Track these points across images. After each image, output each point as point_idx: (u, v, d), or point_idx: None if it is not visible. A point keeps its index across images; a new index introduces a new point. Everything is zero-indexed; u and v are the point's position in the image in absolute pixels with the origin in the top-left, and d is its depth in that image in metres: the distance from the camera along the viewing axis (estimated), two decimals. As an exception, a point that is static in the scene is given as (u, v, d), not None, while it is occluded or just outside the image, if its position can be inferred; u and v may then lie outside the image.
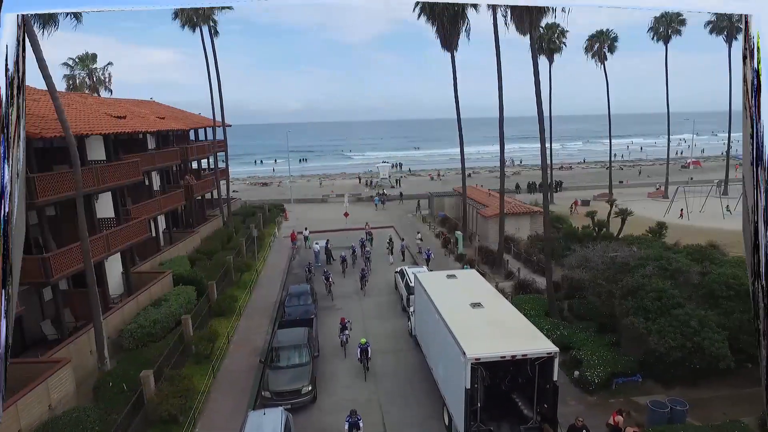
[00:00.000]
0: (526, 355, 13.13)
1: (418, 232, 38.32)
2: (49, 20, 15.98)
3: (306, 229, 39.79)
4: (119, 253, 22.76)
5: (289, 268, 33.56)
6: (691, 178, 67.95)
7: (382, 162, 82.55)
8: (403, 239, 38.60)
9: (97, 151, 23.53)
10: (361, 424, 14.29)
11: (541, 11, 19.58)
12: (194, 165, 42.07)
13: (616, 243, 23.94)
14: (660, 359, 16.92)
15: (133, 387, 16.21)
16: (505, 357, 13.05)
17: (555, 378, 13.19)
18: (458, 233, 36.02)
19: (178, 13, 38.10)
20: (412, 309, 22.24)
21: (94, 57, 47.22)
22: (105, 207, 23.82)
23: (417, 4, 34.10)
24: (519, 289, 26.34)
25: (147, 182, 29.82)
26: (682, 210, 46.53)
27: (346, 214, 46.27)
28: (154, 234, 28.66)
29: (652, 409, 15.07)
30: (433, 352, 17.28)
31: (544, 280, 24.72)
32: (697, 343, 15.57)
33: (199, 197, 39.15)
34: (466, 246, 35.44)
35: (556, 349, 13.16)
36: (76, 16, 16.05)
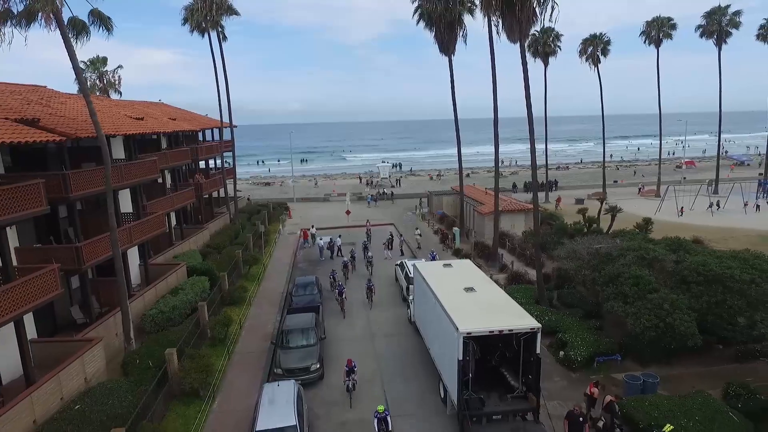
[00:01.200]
0: (512, 330, 14.79)
1: (417, 228, 39.97)
2: (81, 31, 17.63)
3: (312, 226, 41.25)
4: (137, 246, 24.41)
5: (295, 263, 35.19)
6: (684, 178, 69.60)
7: (382, 162, 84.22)
8: (401, 235, 40.21)
9: (117, 150, 25.19)
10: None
11: (530, 21, 21.29)
12: (201, 164, 43.67)
13: (602, 236, 25.62)
14: (637, 339, 18.57)
15: (157, 364, 17.84)
16: (493, 332, 14.71)
17: (538, 351, 14.82)
18: (455, 229, 37.70)
19: (187, 18, 39.82)
20: (411, 297, 23.90)
21: (104, 60, 48.85)
22: (124, 202, 25.46)
23: (416, 10, 35.82)
24: (512, 280, 28.04)
25: (161, 180, 31.41)
26: (682, 208, 48.08)
27: (347, 212, 48.01)
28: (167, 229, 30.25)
29: (627, 381, 16.77)
30: (430, 333, 18.94)
31: (535, 272, 26.37)
32: (668, 323, 17.20)
33: (207, 195, 40.78)
34: (463, 242, 37.11)
35: (539, 325, 14.80)
36: (107, 28, 17.72)
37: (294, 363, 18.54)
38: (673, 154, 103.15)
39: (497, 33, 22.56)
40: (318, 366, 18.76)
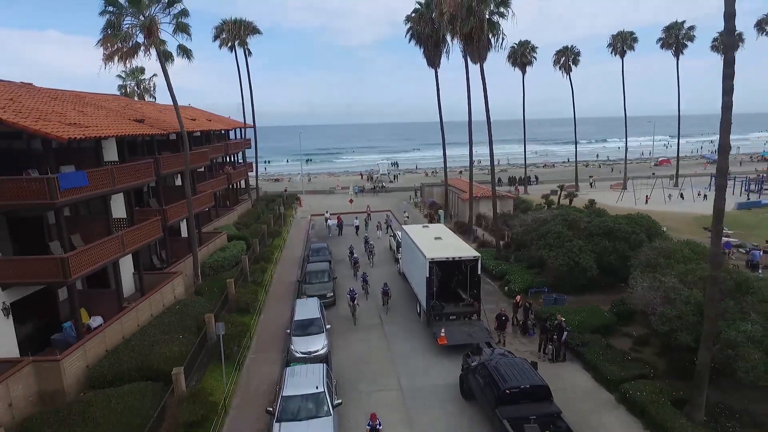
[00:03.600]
0: (461, 257, 22.50)
1: (405, 212, 47.79)
2: (169, 58, 25.38)
3: (327, 212, 48.33)
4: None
5: (308, 237, 42.90)
6: (653, 174, 77.26)
7: (381, 160, 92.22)
8: (393, 218, 48.02)
9: (176, 143, 32.93)
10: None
11: (486, 48, 28.97)
12: (223, 159, 51.35)
13: (545, 210, 33.32)
14: (559, 278, 26.21)
15: (220, 291, 25.55)
16: (448, 258, 22.41)
17: (479, 273, 22.50)
18: (440, 211, 45.45)
19: (217, 36, 47.76)
20: (399, 256, 31.65)
21: (142, 70, 56.80)
22: (179, 183, 33.18)
23: (408, 31, 43.59)
24: (480, 246, 35.71)
25: (200, 168, 39.13)
26: (647, 196, 55.79)
27: (350, 201, 55.86)
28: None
29: (544, 298, 24.49)
30: (411, 271, 26.64)
31: (500, 242, 34.12)
32: (576, 261, 24.85)
33: (234, 184, 48.50)
34: (447, 222, 44.78)
35: (479, 254, 22.53)
36: (189, 57, 25.47)
37: (314, 292, 26.20)
38: (649, 154, 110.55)
39: (463, 57, 30.27)
40: (332, 294, 26.50)
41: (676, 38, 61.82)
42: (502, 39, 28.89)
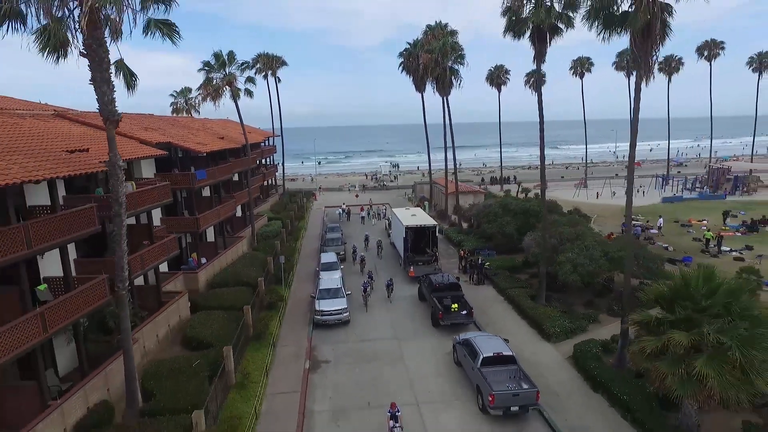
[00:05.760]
0: (425, 225, 35.81)
1: (386, 209, 60.81)
2: (237, 93, 38.71)
3: (344, 203, 61.53)
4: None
5: (324, 221, 56.28)
6: (616, 174, 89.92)
7: (383, 162, 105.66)
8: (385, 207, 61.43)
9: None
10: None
11: (449, 87, 42.09)
12: (259, 161, 64.81)
13: (494, 199, 46.43)
14: (497, 244, 39.28)
15: (270, 250, 38.89)
16: (417, 225, 35.70)
17: (437, 236, 35.75)
18: (426, 203, 58.70)
19: (253, 65, 61.33)
20: (389, 232, 45.02)
21: (189, 90, 70.28)
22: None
23: (400, 65, 56.84)
24: (450, 226, 48.95)
25: (245, 169, 52.59)
26: (598, 193, 68.68)
27: (356, 196, 69.26)
28: (250, 198, 51.34)
29: (481, 253, 37.58)
30: (395, 236, 39.96)
31: (466, 224, 47.28)
32: (504, 230, 37.91)
33: (266, 182, 62.01)
34: (430, 210, 57.96)
35: (436, 224, 35.85)
36: (250, 95, 38.77)
37: (332, 251, 39.45)
38: (621, 157, 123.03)
39: (433, 92, 43.60)
40: (343, 253, 39.83)
41: (626, 62, 74.45)
42: (460, 81, 42.21)
